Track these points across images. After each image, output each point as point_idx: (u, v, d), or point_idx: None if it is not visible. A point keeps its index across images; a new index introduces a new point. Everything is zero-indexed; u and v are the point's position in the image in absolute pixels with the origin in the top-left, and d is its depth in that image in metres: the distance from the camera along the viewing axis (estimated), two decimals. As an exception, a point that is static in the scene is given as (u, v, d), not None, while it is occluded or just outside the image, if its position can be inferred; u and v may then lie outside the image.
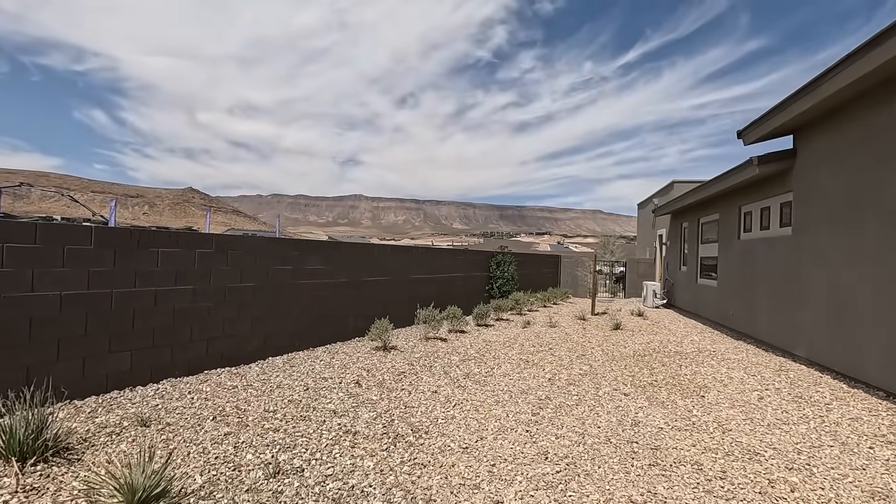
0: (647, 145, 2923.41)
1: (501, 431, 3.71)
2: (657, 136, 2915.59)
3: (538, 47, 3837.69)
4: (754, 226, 8.44)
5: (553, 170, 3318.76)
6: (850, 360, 5.40)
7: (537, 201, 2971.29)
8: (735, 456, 3.39)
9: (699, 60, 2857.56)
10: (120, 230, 4.24)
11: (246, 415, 3.76)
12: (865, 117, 5.32)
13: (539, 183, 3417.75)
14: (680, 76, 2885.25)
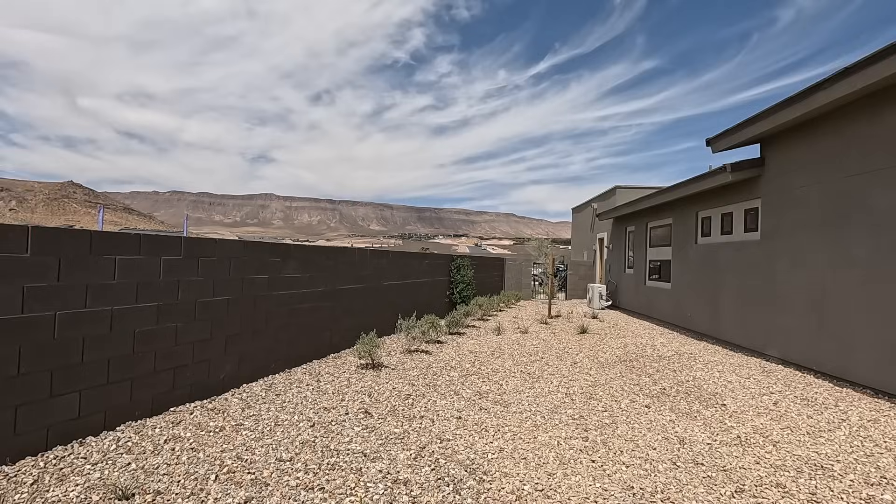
0: (556, 153, 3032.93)
1: (564, 463, 3.27)
2: (565, 145, 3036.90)
3: (455, 52, 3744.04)
4: (714, 230, 8.82)
5: (470, 173, 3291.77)
6: (836, 359, 5.67)
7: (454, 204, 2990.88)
8: (806, 472, 3.24)
9: (602, 75, 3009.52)
10: (67, 231, 3.20)
11: (257, 468, 2.95)
12: (846, 129, 5.62)
13: (456, 186, 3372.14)
14: (586, 89, 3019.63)
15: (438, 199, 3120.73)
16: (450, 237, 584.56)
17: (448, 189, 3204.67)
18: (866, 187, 5.31)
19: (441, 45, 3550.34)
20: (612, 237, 15.14)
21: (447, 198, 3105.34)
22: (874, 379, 5.15)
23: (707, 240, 9.07)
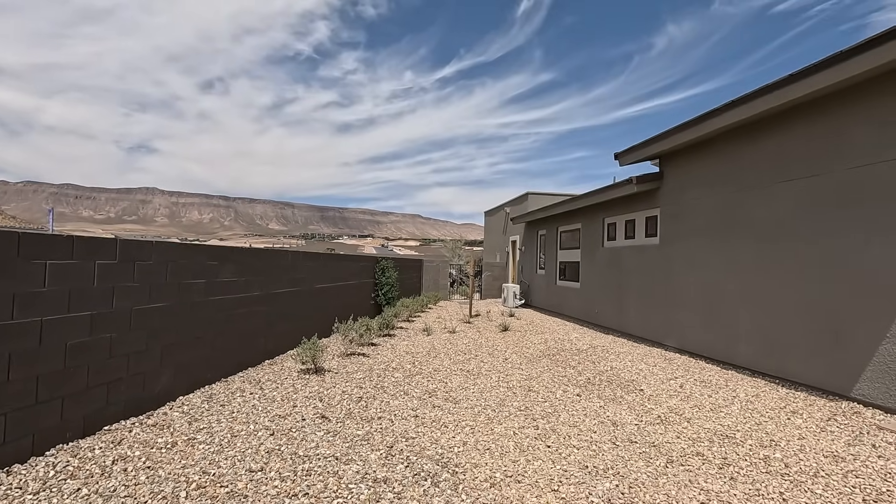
0: (461, 156, 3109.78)
1: (524, 451, 3.55)
2: (470, 149, 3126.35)
3: (361, 50, 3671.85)
4: (619, 235, 9.84)
5: (376, 173, 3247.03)
6: (723, 347, 6.68)
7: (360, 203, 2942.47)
8: (717, 442, 3.86)
9: (504, 84, 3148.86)
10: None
11: (228, 481, 2.84)
12: (732, 151, 6.66)
13: (362, 185, 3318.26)
14: (489, 96, 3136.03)
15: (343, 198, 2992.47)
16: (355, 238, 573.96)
17: (353, 188, 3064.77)
18: (748, 201, 6.34)
19: (346, 42, 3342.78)
20: (524, 240, 16.10)
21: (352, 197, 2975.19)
22: (753, 362, 6.17)
23: (613, 243, 10.09)
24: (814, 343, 5.29)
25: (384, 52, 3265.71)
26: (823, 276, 5.21)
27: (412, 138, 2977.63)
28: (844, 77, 4.71)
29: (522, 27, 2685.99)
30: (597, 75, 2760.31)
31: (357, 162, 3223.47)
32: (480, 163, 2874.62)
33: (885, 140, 4.63)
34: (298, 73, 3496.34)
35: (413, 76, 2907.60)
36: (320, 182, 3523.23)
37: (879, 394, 4.58)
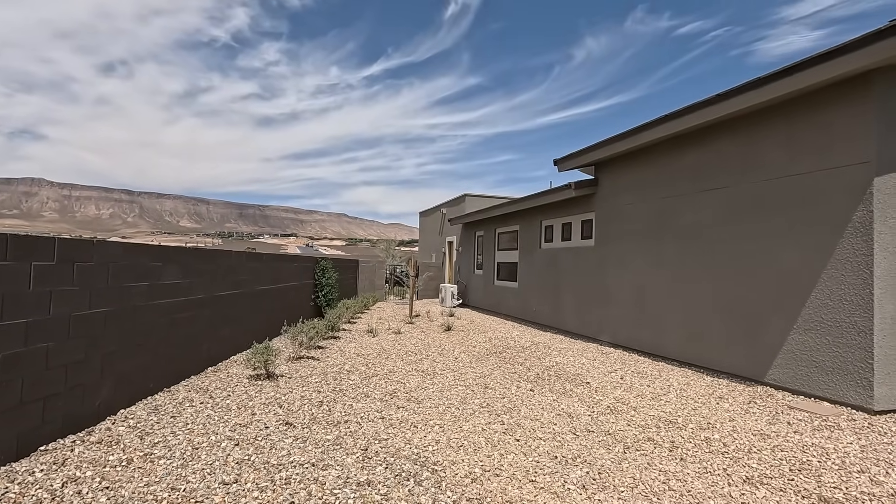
0: (388, 155, 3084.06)
1: (496, 445, 3.67)
2: (397, 148, 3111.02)
3: (284, 41, 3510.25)
4: (556, 237, 10.36)
5: (299, 170, 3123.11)
6: (653, 340, 7.28)
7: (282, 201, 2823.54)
8: (663, 427, 4.23)
9: (432, 85, 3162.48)
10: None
11: (202, 495, 2.68)
12: (661, 161, 7.28)
13: (285, 182, 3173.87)
14: (417, 96, 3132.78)
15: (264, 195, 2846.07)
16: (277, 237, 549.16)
17: (275, 185, 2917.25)
18: (675, 207, 6.97)
19: (268, 31, 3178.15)
20: (461, 241, 16.39)
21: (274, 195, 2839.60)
22: (679, 353, 6.79)
23: (550, 245, 10.59)
24: (733, 335, 5.95)
25: (309, 45, 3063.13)
26: (740, 276, 5.88)
27: (338, 135, 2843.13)
28: (757, 101, 5.35)
29: (450, 30, 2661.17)
30: (521, 82, 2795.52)
31: (279, 158, 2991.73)
32: (408, 163, 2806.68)
33: (791, 158, 5.33)
34: (214, 60, 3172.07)
35: (339, 72, 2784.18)
36: (239, 178, 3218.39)
37: (788, 378, 5.26)
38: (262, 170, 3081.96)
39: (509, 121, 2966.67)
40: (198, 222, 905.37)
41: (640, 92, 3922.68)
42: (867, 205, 4.58)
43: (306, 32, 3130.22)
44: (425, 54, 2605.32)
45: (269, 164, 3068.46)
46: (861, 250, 4.61)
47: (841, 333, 4.76)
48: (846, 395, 4.69)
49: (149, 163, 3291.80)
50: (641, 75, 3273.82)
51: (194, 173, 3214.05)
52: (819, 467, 3.40)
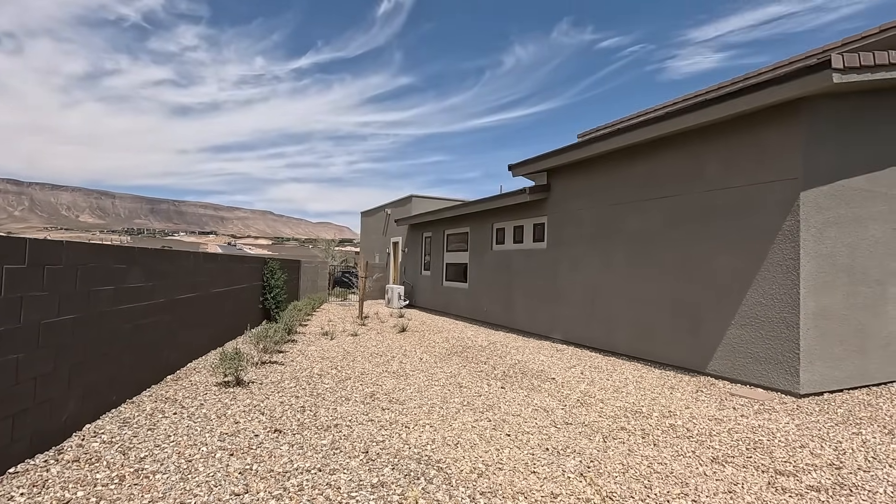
0: (317, 152, 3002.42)
1: (490, 441, 3.83)
2: (327, 145, 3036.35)
3: (203, 25, 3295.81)
4: (507, 239, 10.74)
5: (220, 164, 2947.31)
6: (604, 337, 7.80)
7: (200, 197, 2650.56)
8: (632, 416, 4.61)
9: (364, 83, 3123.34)
10: None
11: (217, 508, 2.58)
12: (612, 171, 7.83)
13: (203, 177, 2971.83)
14: (348, 93, 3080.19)
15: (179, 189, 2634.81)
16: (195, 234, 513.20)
17: (192, 179, 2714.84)
18: (624, 213, 7.53)
19: (185, 14, 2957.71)
20: (408, 241, 16.42)
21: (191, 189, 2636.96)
22: (628, 349, 7.35)
23: (502, 247, 10.96)
24: (678, 331, 6.55)
25: (231, 32, 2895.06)
26: (684, 277, 6.49)
27: (264, 129, 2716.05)
28: (701, 121, 5.96)
29: (383, 28, 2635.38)
30: (452, 84, 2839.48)
31: (198, 150, 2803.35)
32: (338, 160, 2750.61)
33: (730, 172, 5.99)
34: (121, 41, 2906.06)
35: (265, 62, 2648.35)
36: (150, 170, 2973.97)
37: (727, 368, 5.90)
38: (177, 162, 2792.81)
39: (441, 122, 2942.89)
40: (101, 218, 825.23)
41: (565, 101, 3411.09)
42: (795, 215, 5.27)
43: (228, 18, 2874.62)
44: (357, 50, 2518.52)
45: (186, 157, 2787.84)
46: (789, 255, 5.30)
47: (772, 328, 5.44)
48: (776, 382, 5.37)
49: (42, 150, 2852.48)
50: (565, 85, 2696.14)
51: (97, 164, 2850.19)
52: (769, 445, 3.90)
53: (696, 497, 2.97)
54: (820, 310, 5.30)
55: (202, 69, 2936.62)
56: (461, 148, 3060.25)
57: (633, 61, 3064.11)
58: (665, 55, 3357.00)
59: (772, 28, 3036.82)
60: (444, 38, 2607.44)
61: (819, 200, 5.34)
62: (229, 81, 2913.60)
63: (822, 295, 5.33)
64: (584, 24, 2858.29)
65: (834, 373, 5.39)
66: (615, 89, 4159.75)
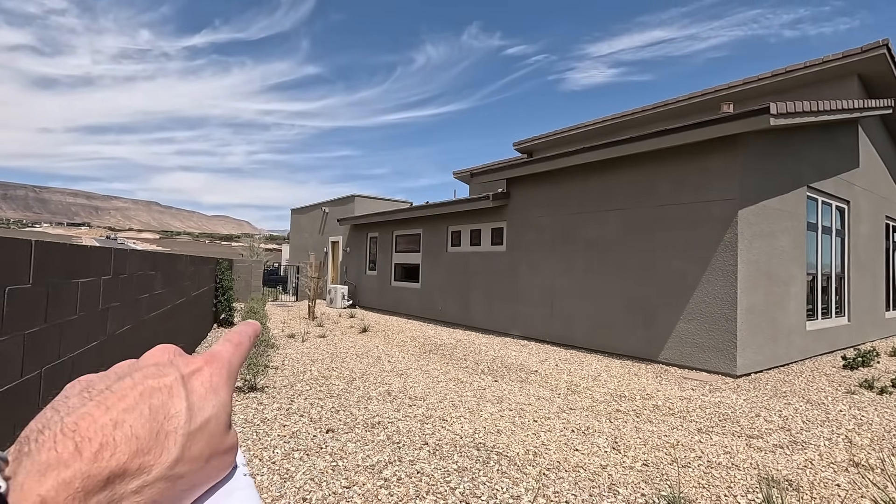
0: (213, 139, 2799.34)
1: (524, 428, 4.34)
2: (224, 132, 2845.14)
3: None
4: (464, 242, 11.31)
5: (94, 146, 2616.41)
6: (562, 333, 8.67)
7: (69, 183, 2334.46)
8: (618, 400, 5.39)
9: (267, 68, 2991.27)
10: None
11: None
12: (570, 184, 8.72)
13: (73, 160, 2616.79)
14: (249, 78, 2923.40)
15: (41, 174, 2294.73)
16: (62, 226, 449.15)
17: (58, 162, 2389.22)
18: (582, 222, 8.45)
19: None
20: (350, 241, 16.34)
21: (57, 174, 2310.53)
22: (587, 342, 8.28)
23: (458, 249, 11.51)
24: (633, 325, 7.57)
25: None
26: (639, 279, 7.52)
27: (149, 110, 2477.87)
28: (655, 147, 6.99)
29: (288, 12, 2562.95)
30: (362, 78, 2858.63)
31: (65, 129, 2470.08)
32: (237, 149, 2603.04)
33: (680, 190, 7.08)
34: None
35: (152, 36, 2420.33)
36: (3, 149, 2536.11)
37: (676, 356, 6.99)
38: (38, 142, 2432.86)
39: (349, 116, 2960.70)
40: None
41: (472, 103, 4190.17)
42: (733, 229, 6.44)
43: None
44: (259, 34, 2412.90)
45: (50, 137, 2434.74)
46: (729, 262, 6.47)
47: (714, 321, 6.58)
48: (718, 366, 6.52)
49: None
50: (473, 87, 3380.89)
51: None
52: (732, 416, 4.86)
53: (708, 458, 3.75)
54: (749, 306, 6.54)
55: (72, 37, 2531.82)
56: (370, 143, 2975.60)
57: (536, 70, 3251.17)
58: (565, 66, 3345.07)
59: (655, 50, 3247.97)
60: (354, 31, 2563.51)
61: (749, 217, 6.57)
62: (106, 54, 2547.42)
63: (751, 294, 6.57)
64: (493, 30, 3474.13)
65: (757, 357, 6.67)
66: (519, 95, 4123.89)
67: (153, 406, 0.29)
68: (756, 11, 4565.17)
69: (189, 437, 0.30)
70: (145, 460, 0.27)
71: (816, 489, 3.25)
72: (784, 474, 3.46)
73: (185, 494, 0.31)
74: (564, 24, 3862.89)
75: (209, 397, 0.33)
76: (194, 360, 0.34)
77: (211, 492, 0.33)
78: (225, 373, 0.35)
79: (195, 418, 0.31)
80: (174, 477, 0.29)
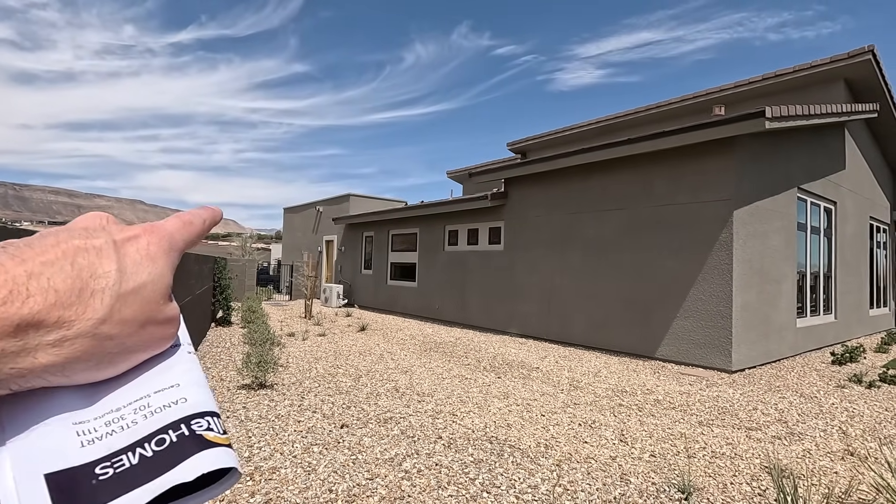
0: (199, 137, 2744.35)
1: (532, 422, 4.45)
2: (210, 130, 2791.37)
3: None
4: (461, 241, 11.41)
5: (76, 144, 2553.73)
6: (560, 330, 8.82)
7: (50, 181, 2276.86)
8: (620, 395, 5.53)
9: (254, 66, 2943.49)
10: None
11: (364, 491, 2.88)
12: (569, 184, 8.87)
13: (54, 157, 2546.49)
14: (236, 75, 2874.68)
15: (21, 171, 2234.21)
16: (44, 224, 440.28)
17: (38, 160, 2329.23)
18: (580, 221, 8.60)
19: None
20: (345, 240, 16.35)
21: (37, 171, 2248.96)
22: (584, 340, 8.43)
23: (455, 248, 11.61)
24: (631, 323, 7.74)
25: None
26: (637, 278, 7.69)
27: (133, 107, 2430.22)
28: (654, 148, 7.16)
29: (276, 9, 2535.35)
30: (350, 77, 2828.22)
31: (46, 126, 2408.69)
32: (223, 147, 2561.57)
33: (677, 191, 7.26)
34: None
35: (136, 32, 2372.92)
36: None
37: (673, 353, 7.17)
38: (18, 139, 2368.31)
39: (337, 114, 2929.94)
40: None
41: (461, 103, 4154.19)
42: (729, 229, 6.63)
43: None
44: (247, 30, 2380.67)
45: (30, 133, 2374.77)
46: (724, 261, 6.65)
47: (710, 318, 6.77)
48: (714, 362, 6.71)
49: None
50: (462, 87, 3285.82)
51: None
52: (731, 409, 5.03)
53: (711, 448, 3.89)
54: (744, 304, 6.73)
55: (53, 31, 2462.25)
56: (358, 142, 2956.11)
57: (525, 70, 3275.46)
58: (554, 67, 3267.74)
59: (643, 52, 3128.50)
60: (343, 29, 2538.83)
61: (743, 217, 6.76)
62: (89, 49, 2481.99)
63: (745, 292, 6.77)
64: (483, 29, 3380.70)
65: (751, 353, 6.87)
66: (508, 95, 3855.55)
67: (78, 263, 0.28)
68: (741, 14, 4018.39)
69: (119, 298, 0.29)
70: (65, 314, 0.27)
71: (817, 476, 3.41)
72: (785, 463, 3.62)
73: (118, 358, 0.31)
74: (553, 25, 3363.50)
75: (144, 263, 0.32)
76: (131, 227, 0.33)
77: (153, 363, 0.33)
78: (166, 244, 0.34)
79: (127, 281, 0.30)
80: (101, 336, 0.28)
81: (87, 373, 0.29)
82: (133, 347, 0.31)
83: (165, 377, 0.33)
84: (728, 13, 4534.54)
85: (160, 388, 0.33)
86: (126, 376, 0.32)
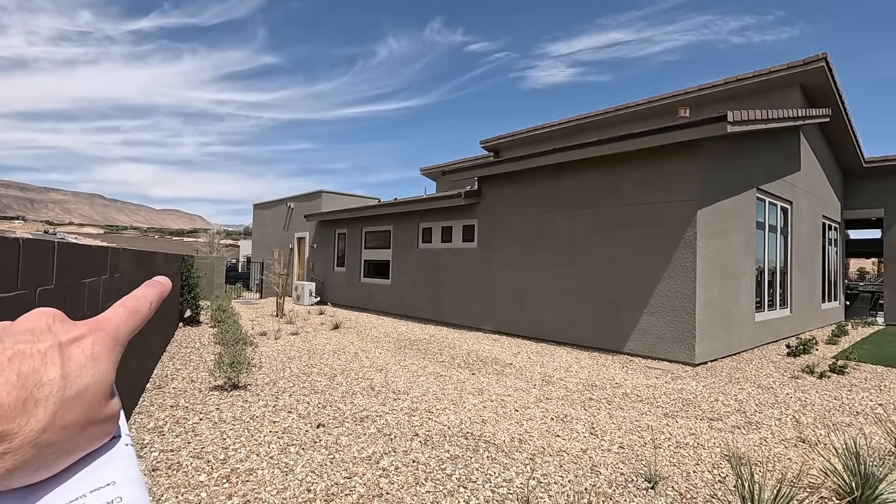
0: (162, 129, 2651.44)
1: (506, 417, 4.55)
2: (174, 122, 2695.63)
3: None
4: (435, 239, 11.46)
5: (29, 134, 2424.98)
6: (532, 326, 8.99)
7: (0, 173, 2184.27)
8: (590, 389, 5.71)
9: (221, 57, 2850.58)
10: None
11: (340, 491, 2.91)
12: (540, 183, 9.03)
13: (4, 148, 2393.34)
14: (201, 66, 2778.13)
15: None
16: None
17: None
18: (552, 220, 8.77)
19: None
20: (317, 237, 16.16)
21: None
22: (555, 335, 8.63)
23: (428, 245, 11.65)
24: (600, 319, 7.96)
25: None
26: (606, 275, 7.92)
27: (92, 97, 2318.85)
28: (622, 150, 7.38)
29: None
30: (321, 70, 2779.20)
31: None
32: (188, 140, 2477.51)
33: (644, 191, 7.50)
34: None
35: (93, 18, 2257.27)
36: None
37: (640, 347, 7.42)
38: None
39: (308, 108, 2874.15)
40: None
41: (434, 98, 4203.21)
42: (693, 228, 6.90)
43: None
44: (213, 19, 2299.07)
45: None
46: (689, 258, 6.93)
47: (675, 314, 7.04)
48: (678, 356, 6.98)
49: None
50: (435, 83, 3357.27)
51: None
52: (694, 400, 5.27)
53: (676, 439, 4.08)
54: (707, 300, 7.03)
55: (3, 15, 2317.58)
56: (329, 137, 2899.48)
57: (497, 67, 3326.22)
58: (526, 64, 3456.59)
59: (613, 52, 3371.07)
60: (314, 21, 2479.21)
61: (706, 217, 7.05)
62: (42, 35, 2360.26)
63: (708, 289, 7.07)
64: (456, 25, 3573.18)
65: (713, 347, 7.19)
66: (481, 92, 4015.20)
67: (22, 372, 0.28)
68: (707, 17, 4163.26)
69: (62, 405, 0.29)
70: (8, 427, 0.26)
71: (772, 463, 3.62)
72: (743, 451, 3.83)
73: (57, 461, 0.30)
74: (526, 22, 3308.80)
75: (88, 366, 0.31)
76: (76, 326, 0.33)
77: (89, 459, 0.33)
78: (109, 342, 0.33)
79: (70, 387, 0.30)
80: (42, 444, 0.28)
81: (23, 479, 0.29)
82: (72, 450, 0.31)
83: (101, 474, 0.32)
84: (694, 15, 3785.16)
85: (96, 486, 0.32)
86: (62, 475, 0.31)
